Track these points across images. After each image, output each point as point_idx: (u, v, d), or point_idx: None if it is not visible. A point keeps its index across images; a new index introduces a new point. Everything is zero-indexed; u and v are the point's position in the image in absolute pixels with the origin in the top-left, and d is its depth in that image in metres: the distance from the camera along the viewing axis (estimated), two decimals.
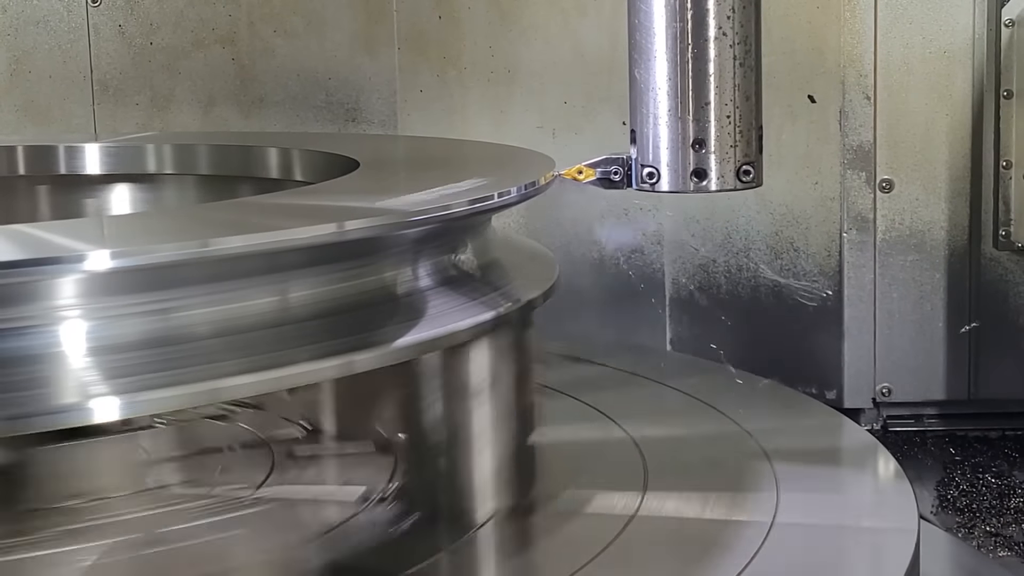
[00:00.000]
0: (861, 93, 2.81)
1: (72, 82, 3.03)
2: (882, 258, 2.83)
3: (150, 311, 1.35)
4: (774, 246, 2.88)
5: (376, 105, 3.03)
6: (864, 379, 2.85)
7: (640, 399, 2.38)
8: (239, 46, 3.03)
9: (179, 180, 2.35)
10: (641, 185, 1.80)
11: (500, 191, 1.63)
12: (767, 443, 2.08)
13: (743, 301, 2.91)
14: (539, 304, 1.74)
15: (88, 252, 1.27)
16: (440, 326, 1.54)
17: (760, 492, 1.88)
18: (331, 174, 1.95)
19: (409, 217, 1.51)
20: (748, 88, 1.76)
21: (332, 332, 1.46)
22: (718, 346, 2.90)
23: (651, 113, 1.77)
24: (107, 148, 2.37)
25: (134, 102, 3.03)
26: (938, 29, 2.78)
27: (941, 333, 2.83)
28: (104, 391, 1.29)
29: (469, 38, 2.98)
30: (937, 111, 2.80)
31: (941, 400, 2.84)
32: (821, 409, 2.45)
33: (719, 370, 2.76)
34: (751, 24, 1.75)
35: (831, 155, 2.83)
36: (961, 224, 2.81)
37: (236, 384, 1.36)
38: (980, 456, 2.66)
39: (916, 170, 2.81)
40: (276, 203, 1.74)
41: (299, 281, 1.46)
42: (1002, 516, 2.34)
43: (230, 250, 1.35)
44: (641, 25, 1.76)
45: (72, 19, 3.02)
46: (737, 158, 1.77)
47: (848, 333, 2.85)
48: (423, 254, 1.62)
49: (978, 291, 2.82)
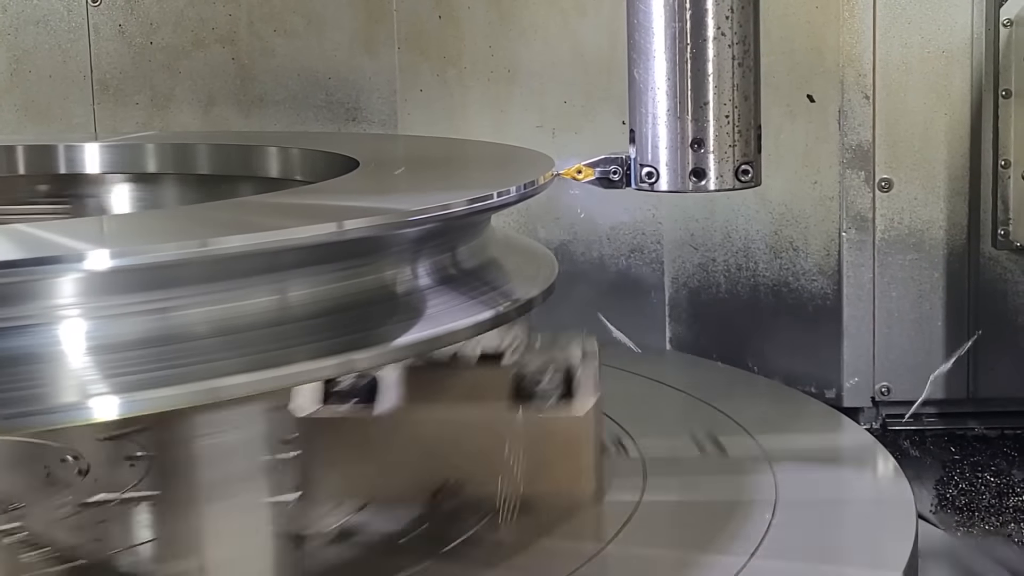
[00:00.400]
0: (860, 92, 2.81)
1: (72, 81, 3.03)
2: (881, 257, 2.83)
3: (149, 310, 1.35)
4: (773, 245, 2.88)
5: (376, 104, 3.03)
6: (863, 378, 2.85)
7: (637, 397, 2.39)
8: (239, 46, 3.03)
9: (179, 179, 2.35)
10: (640, 185, 1.81)
11: (499, 191, 1.63)
12: (766, 442, 2.09)
13: (742, 300, 2.91)
14: (538, 303, 1.75)
15: (88, 251, 1.28)
16: (439, 325, 1.54)
17: (759, 491, 1.88)
18: (331, 173, 1.95)
19: (408, 216, 1.51)
20: (747, 88, 1.77)
21: (331, 331, 1.46)
22: (717, 345, 2.90)
23: (650, 113, 1.77)
24: (107, 147, 2.38)
25: (134, 101, 3.04)
26: (937, 29, 2.78)
27: (940, 332, 2.83)
28: (103, 390, 1.29)
29: (469, 38, 2.98)
30: (936, 110, 2.80)
31: (940, 399, 2.84)
32: (820, 408, 2.46)
33: (718, 369, 2.77)
34: (750, 24, 1.76)
35: (830, 154, 2.83)
36: (960, 223, 2.81)
37: (235, 383, 1.36)
38: (979, 455, 2.66)
39: (915, 169, 2.81)
40: (276, 202, 1.74)
41: (298, 280, 1.46)
42: (1001, 515, 2.34)
43: (230, 250, 1.35)
44: (640, 25, 1.76)
45: (72, 19, 3.02)
46: (736, 158, 1.77)
47: (847, 332, 2.85)
48: (422, 253, 1.62)
49: (977, 290, 2.82)
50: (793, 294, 2.88)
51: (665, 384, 2.50)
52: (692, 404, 2.36)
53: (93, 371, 1.30)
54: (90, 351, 1.31)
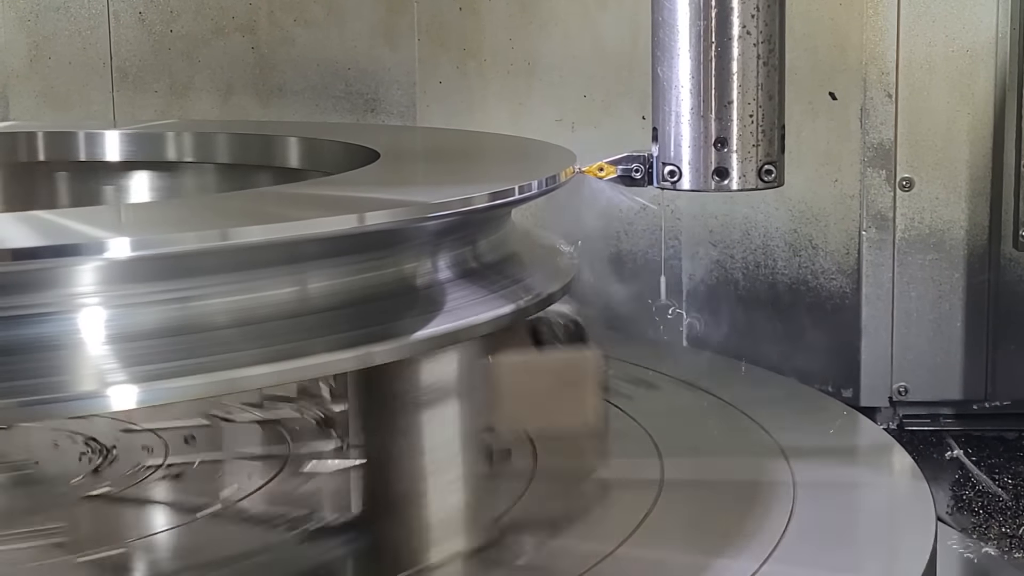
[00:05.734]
0: (882, 91, 2.80)
1: (92, 68, 3.03)
2: (901, 257, 2.82)
3: (169, 300, 1.35)
4: (792, 243, 2.87)
5: (395, 96, 3.03)
6: (881, 378, 2.84)
7: (656, 397, 2.38)
8: (259, 35, 3.02)
9: (198, 168, 2.35)
10: (662, 183, 1.80)
11: (521, 185, 1.63)
12: (784, 440, 2.08)
13: (760, 297, 2.90)
14: (558, 298, 1.74)
15: (108, 240, 1.27)
16: (459, 319, 1.53)
17: (776, 490, 1.87)
18: (351, 165, 1.94)
19: (430, 210, 1.51)
20: (771, 87, 1.76)
21: (351, 323, 1.46)
22: (734, 342, 2.89)
23: (673, 111, 1.76)
24: (127, 135, 2.37)
25: (153, 89, 3.03)
26: (961, 27, 2.76)
27: (959, 333, 2.82)
28: (122, 379, 1.29)
29: (489, 30, 2.98)
30: (959, 110, 2.78)
31: (958, 400, 2.83)
32: (838, 407, 2.45)
33: (735, 367, 2.76)
34: (775, 23, 1.75)
35: (851, 152, 2.82)
36: (981, 224, 2.80)
37: (254, 374, 1.36)
38: (997, 457, 2.65)
39: (937, 169, 2.80)
40: (296, 193, 1.74)
41: (318, 272, 1.46)
42: (1018, 517, 2.33)
43: (250, 240, 1.35)
44: (665, 22, 1.75)
45: (92, 5, 3.02)
46: (759, 157, 1.76)
47: (866, 331, 2.84)
48: (443, 246, 1.61)
49: (997, 291, 2.81)
50: (812, 292, 2.87)
51: (681, 380, 2.49)
52: (708, 401, 2.35)
53: (112, 360, 1.30)
54: (109, 340, 1.31)
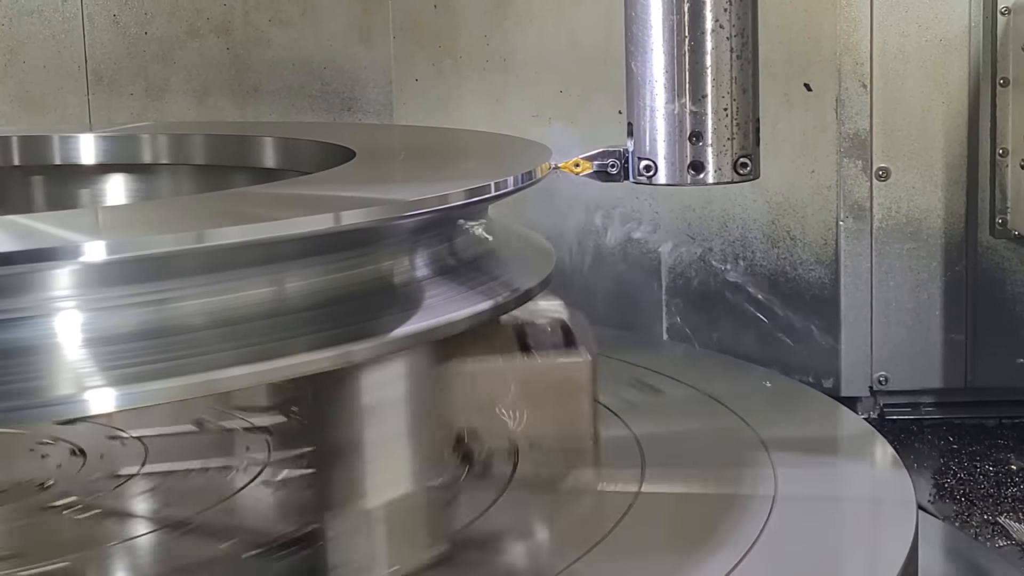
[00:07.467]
0: (857, 81, 2.80)
1: (66, 72, 3.02)
2: (879, 246, 2.83)
3: (146, 302, 1.35)
4: (770, 235, 2.87)
5: (372, 94, 3.02)
6: (861, 367, 2.85)
7: (637, 388, 2.38)
8: (234, 35, 3.02)
9: (174, 170, 2.35)
10: (638, 178, 1.80)
11: (497, 181, 1.63)
12: (764, 432, 2.08)
13: (739, 289, 2.90)
14: (536, 293, 1.74)
15: (84, 243, 1.27)
16: (437, 316, 1.53)
17: (757, 481, 1.88)
18: (327, 164, 1.94)
19: (406, 208, 1.51)
20: (745, 80, 1.76)
21: (329, 322, 1.46)
22: (714, 335, 2.89)
23: (648, 106, 1.76)
24: (101, 138, 2.37)
25: (128, 92, 3.03)
26: (934, 17, 2.77)
27: (938, 321, 2.83)
28: (99, 382, 1.28)
29: (464, 27, 2.98)
30: (933, 99, 2.79)
31: (938, 388, 2.84)
32: (818, 397, 2.45)
33: (716, 359, 2.76)
34: (748, 16, 1.75)
35: (827, 143, 2.83)
36: (958, 212, 2.81)
37: (232, 375, 1.36)
38: (977, 444, 2.66)
39: (912, 158, 2.80)
40: (272, 193, 1.74)
41: (295, 271, 1.46)
42: (999, 505, 2.34)
43: (227, 241, 1.34)
44: (638, 17, 1.76)
45: (66, 8, 3.01)
46: (734, 151, 1.77)
47: (845, 321, 2.85)
48: (420, 244, 1.61)
49: (975, 279, 2.82)
50: (790, 283, 2.88)
51: (662, 374, 2.49)
52: (688, 393, 2.35)
53: (89, 363, 1.30)
54: (86, 343, 1.31)
